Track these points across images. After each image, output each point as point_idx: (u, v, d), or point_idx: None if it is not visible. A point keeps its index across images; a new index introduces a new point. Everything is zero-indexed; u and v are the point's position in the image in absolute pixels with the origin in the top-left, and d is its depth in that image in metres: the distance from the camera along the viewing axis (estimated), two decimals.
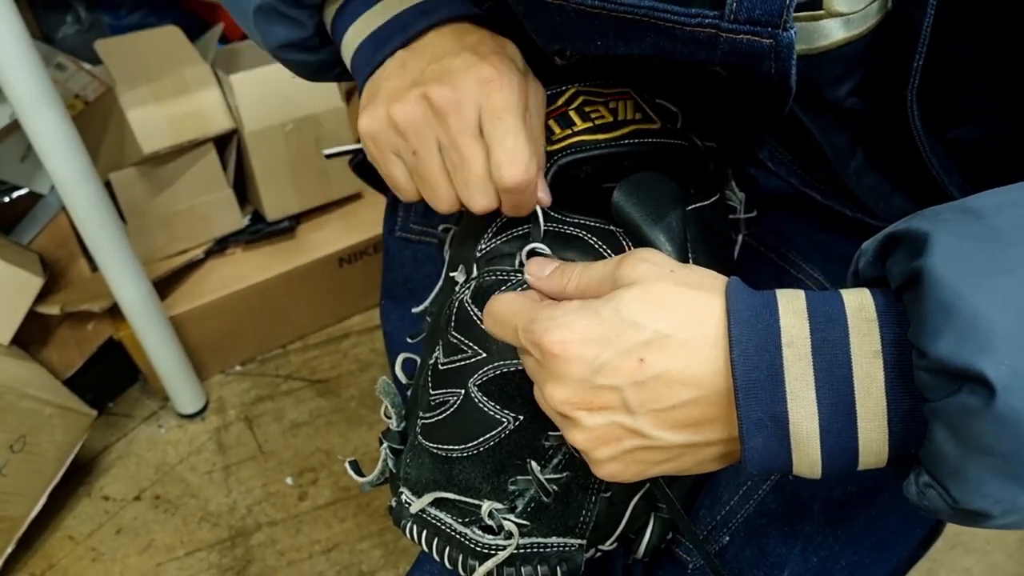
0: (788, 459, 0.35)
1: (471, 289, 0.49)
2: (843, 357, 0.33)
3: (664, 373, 0.35)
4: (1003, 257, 0.30)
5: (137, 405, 1.41)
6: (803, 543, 0.50)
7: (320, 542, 1.18)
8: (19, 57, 0.96)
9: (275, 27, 0.57)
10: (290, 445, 1.33)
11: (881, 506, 0.52)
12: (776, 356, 0.33)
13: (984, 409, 0.28)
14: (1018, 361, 0.28)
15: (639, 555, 0.51)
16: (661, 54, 0.43)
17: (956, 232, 0.31)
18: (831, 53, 0.43)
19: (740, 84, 0.47)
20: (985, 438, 0.29)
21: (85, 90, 1.35)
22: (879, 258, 0.35)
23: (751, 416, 0.34)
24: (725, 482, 0.52)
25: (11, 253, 1.24)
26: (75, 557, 1.18)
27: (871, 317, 0.33)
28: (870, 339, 0.33)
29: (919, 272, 0.31)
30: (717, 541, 0.51)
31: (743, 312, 0.35)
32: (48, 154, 1.04)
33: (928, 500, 0.32)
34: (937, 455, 0.31)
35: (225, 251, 1.45)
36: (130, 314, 1.23)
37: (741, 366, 0.33)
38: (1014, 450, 0.29)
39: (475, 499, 0.47)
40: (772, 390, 0.33)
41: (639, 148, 0.50)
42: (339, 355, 1.50)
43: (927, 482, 0.32)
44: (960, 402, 0.29)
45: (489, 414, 0.46)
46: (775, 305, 0.35)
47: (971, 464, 0.30)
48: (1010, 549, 1.15)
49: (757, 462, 0.35)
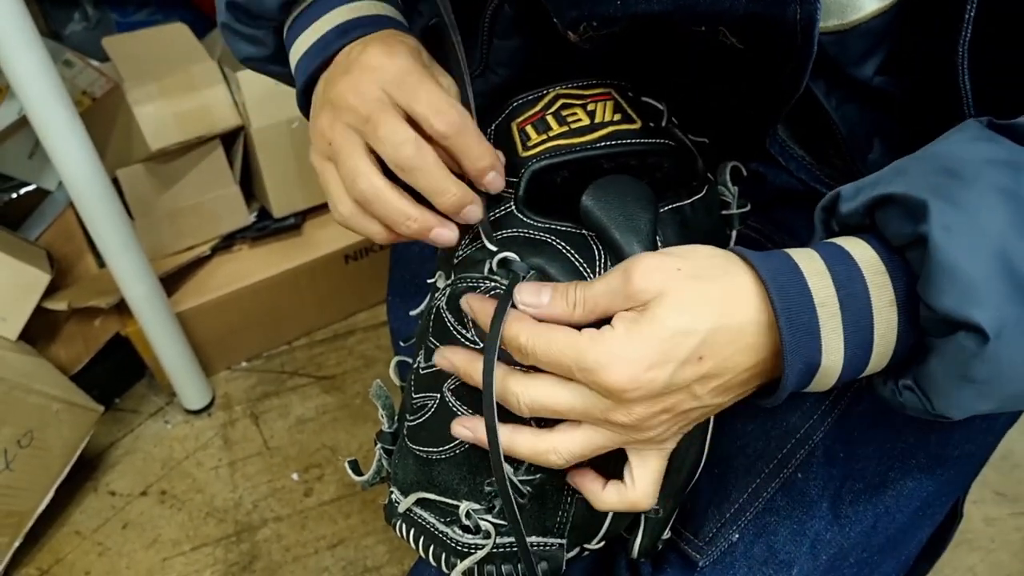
0: (804, 388, 0.41)
1: (446, 296, 0.49)
2: (866, 309, 0.38)
3: (722, 361, 0.39)
4: (991, 220, 0.35)
5: (144, 401, 1.42)
6: (812, 541, 0.50)
7: (325, 538, 1.19)
8: (27, 54, 0.96)
9: (238, 43, 0.59)
10: (296, 441, 1.33)
11: (890, 504, 0.52)
12: (813, 317, 0.38)
13: (977, 351, 0.35)
14: (1006, 315, 0.34)
15: (633, 555, 0.51)
16: (682, 8, 0.43)
17: (948, 199, 0.36)
18: (861, 27, 0.43)
19: (755, 60, 0.46)
20: (972, 372, 0.36)
21: (93, 87, 1.35)
22: (867, 212, 0.39)
23: (794, 368, 0.38)
24: (734, 481, 0.52)
25: (19, 249, 1.25)
26: (82, 552, 1.18)
27: (882, 271, 0.38)
28: (885, 291, 0.38)
29: (923, 237, 0.35)
30: (726, 539, 0.51)
31: (777, 279, 0.38)
32: (56, 150, 1.04)
33: (904, 399, 0.40)
34: (928, 377, 0.38)
35: (232, 248, 1.45)
36: (137, 310, 1.23)
37: (787, 330, 0.37)
38: (992, 380, 0.36)
39: (454, 500, 0.48)
40: (809, 344, 0.38)
41: (615, 150, 0.50)
42: (345, 351, 1.50)
43: (908, 386, 0.39)
44: (958, 343, 0.35)
45: (462, 417, 0.47)
46: (798, 268, 0.38)
47: (955, 388, 0.37)
48: (1015, 547, 1.15)
49: (783, 397, 0.40)
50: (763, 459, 0.52)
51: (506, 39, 0.58)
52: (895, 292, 0.38)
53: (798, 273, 0.38)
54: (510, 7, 0.56)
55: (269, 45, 0.58)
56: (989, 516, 1.19)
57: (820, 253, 0.39)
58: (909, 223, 0.36)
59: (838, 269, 0.38)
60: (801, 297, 0.38)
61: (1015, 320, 0.34)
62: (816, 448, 0.52)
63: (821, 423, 0.52)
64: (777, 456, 0.52)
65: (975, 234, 0.35)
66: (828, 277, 0.38)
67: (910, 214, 0.36)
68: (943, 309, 0.35)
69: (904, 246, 0.37)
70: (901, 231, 0.37)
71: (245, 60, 0.61)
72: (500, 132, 0.53)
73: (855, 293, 0.38)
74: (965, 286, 0.34)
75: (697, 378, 0.39)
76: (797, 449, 0.52)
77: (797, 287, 0.38)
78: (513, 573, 0.47)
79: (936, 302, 0.35)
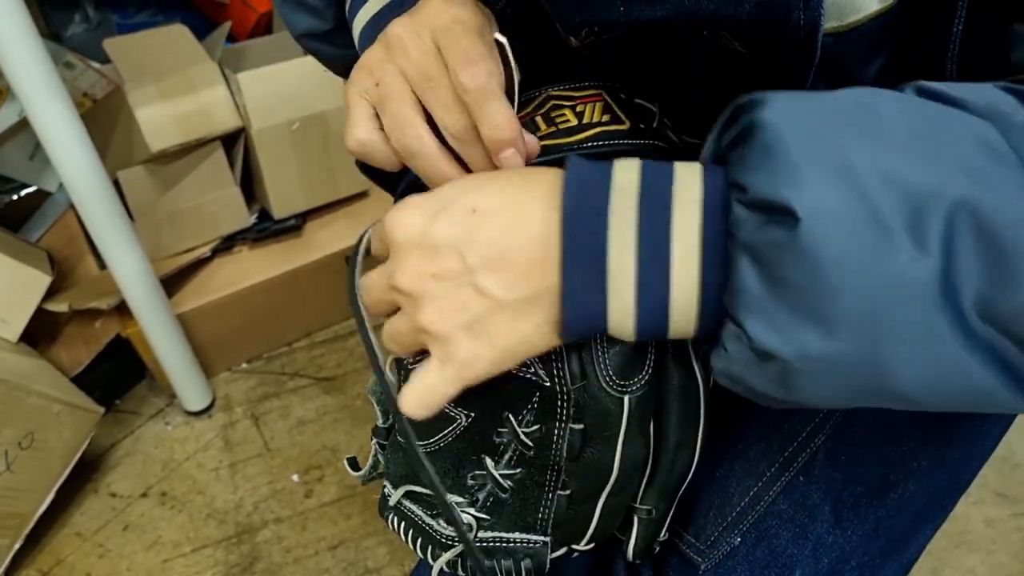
0: (603, 305, 0.36)
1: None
2: (665, 201, 0.35)
3: (497, 218, 0.37)
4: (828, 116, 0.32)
5: (144, 402, 1.42)
6: (814, 544, 0.51)
7: (326, 539, 1.19)
8: (28, 55, 0.96)
9: (297, 15, 0.57)
10: (296, 442, 1.33)
11: (891, 507, 0.52)
12: (604, 198, 0.35)
13: (789, 241, 0.30)
14: (822, 199, 0.30)
15: (628, 557, 0.51)
16: (685, 14, 0.43)
17: (793, 96, 0.33)
18: (861, 28, 0.43)
19: (757, 64, 0.46)
20: (786, 270, 0.31)
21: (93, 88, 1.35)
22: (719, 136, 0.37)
23: (573, 246, 0.35)
24: (735, 484, 0.52)
25: (19, 251, 1.25)
26: (82, 553, 1.18)
27: (696, 172, 0.35)
28: (693, 187, 0.35)
29: (750, 124, 0.33)
30: (728, 542, 0.51)
31: (580, 164, 0.37)
32: (57, 152, 1.04)
33: (730, 353, 0.34)
34: (740, 291, 0.33)
35: (232, 249, 1.45)
36: (137, 312, 1.24)
37: (571, 203, 0.35)
38: (809, 284, 0.31)
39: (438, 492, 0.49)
40: (595, 224, 0.35)
41: (601, 150, 0.50)
42: (345, 353, 1.50)
43: (731, 331, 0.34)
44: (768, 234, 0.31)
45: (445, 411, 0.48)
46: (612, 164, 0.37)
47: (770, 297, 0.32)
48: (1015, 548, 1.15)
49: (574, 305, 0.36)
50: (765, 462, 0.52)
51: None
52: (704, 191, 0.35)
53: (608, 165, 0.37)
54: (511, 10, 0.57)
55: (328, 19, 0.57)
56: (990, 517, 1.19)
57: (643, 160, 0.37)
58: (747, 115, 0.34)
59: (651, 168, 0.36)
60: (599, 180, 0.36)
61: (834, 209, 0.30)
62: (818, 452, 0.52)
63: (823, 427, 0.52)
64: (779, 459, 0.52)
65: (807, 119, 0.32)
66: (637, 171, 0.36)
67: (747, 112, 0.34)
68: (754, 185, 0.32)
69: (731, 144, 0.35)
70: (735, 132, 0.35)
71: (302, 36, 0.58)
72: None
73: (658, 186, 0.35)
74: (781, 163, 0.31)
75: (463, 234, 0.37)
76: (799, 453, 0.52)
77: (598, 172, 0.36)
78: (495, 568, 0.48)
79: (747, 178, 0.32)
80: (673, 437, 0.48)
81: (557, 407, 0.45)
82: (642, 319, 0.36)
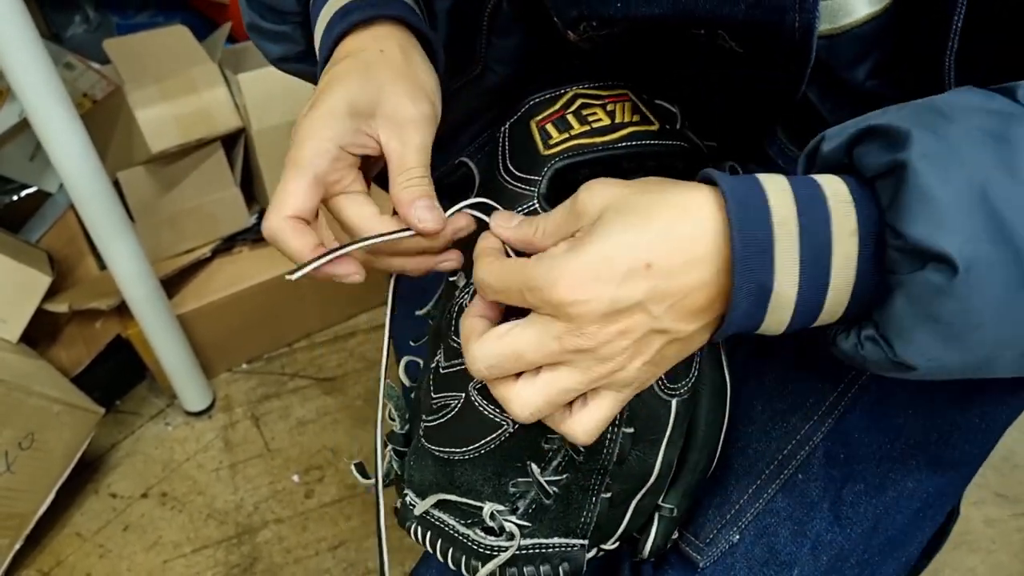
0: (760, 321, 0.39)
1: (470, 293, 0.49)
2: (825, 236, 0.36)
3: (672, 272, 0.37)
4: (971, 155, 0.34)
5: (144, 403, 1.42)
6: (812, 542, 0.50)
7: (326, 539, 1.19)
8: (28, 56, 0.96)
9: (267, 44, 0.57)
10: (296, 443, 1.33)
11: (890, 504, 0.52)
12: (768, 233, 0.36)
13: (945, 285, 0.33)
14: (977, 249, 0.33)
15: (644, 555, 0.51)
16: (681, 12, 0.43)
17: (932, 130, 0.35)
18: (852, 32, 0.43)
19: (754, 64, 0.46)
20: (938, 309, 0.34)
21: (94, 89, 1.35)
22: (847, 147, 0.38)
23: (743, 286, 0.37)
24: (734, 482, 0.52)
25: (19, 251, 1.25)
26: (83, 554, 1.19)
27: (848, 200, 0.37)
28: (848, 220, 0.36)
29: (902, 164, 0.34)
30: (727, 540, 0.51)
31: (737, 191, 0.37)
32: (57, 153, 1.04)
33: (865, 351, 0.38)
34: (892, 318, 0.36)
35: (232, 250, 1.45)
36: (138, 312, 1.24)
37: (739, 241, 0.36)
38: (958, 321, 0.34)
39: (477, 501, 0.47)
40: (761, 261, 0.36)
41: (636, 150, 0.50)
42: (345, 353, 1.50)
43: (870, 336, 0.37)
44: (925, 277, 0.34)
45: (489, 417, 0.47)
46: (761, 185, 0.37)
47: (920, 329, 0.35)
48: (1015, 548, 1.15)
49: (735, 324, 0.38)
50: (764, 460, 0.52)
51: (505, 37, 0.58)
52: (858, 223, 0.36)
53: (759, 189, 0.37)
54: (509, 5, 0.57)
55: (299, 41, 0.56)
56: (990, 517, 1.19)
57: (787, 178, 0.38)
58: (887, 152, 0.35)
59: (802, 192, 0.37)
60: (758, 212, 0.36)
61: (987, 257, 0.33)
62: (817, 449, 0.52)
63: (821, 424, 0.52)
64: (778, 457, 0.52)
65: (955, 165, 0.34)
66: (790, 197, 0.37)
67: (890, 144, 0.35)
68: (913, 236, 0.33)
69: (877, 176, 0.36)
70: (878, 161, 0.36)
71: (277, 61, 0.58)
72: (517, 130, 0.54)
73: (816, 218, 0.36)
74: (938, 214, 0.33)
75: (648, 291, 0.37)
76: (798, 450, 0.52)
77: (756, 201, 0.37)
78: (535, 574, 0.47)
79: (906, 228, 0.34)
80: (701, 437, 0.49)
81: None
82: (787, 329, 0.39)
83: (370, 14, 0.50)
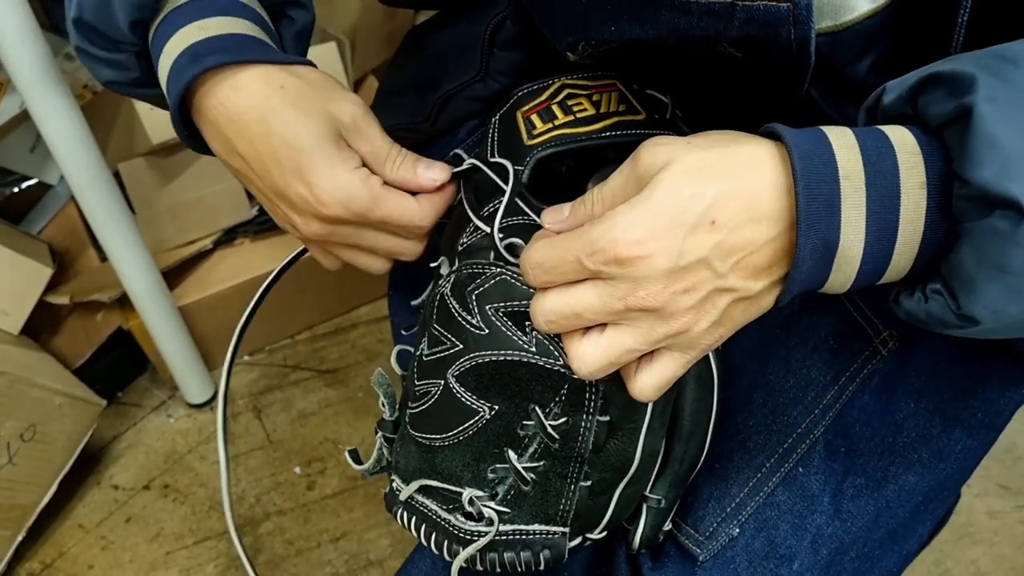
0: (824, 279, 0.38)
1: (451, 282, 0.49)
2: (893, 188, 0.36)
3: (737, 229, 0.36)
4: None
5: (146, 395, 1.42)
6: (813, 535, 0.50)
7: (328, 531, 1.19)
8: (28, 47, 0.96)
9: (98, 67, 0.53)
10: (298, 435, 1.33)
11: (891, 498, 0.52)
12: (835, 188, 0.36)
13: (1012, 231, 0.33)
14: None
15: (634, 547, 0.51)
16: (676, 32, 0.43)
17: (998, 75, 0.34)
18: (854, 28, 0.43)
19: (755, 66, 0.46)
20: (1004, 257, 0.33)
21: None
22: (910, 96, 0.37)
23: (808, 242, 0.36)
24: (734, 475, 0.52)
25: (20, 243, 1.25)
26: (85, 545, 1.19)
27: (916, 151, 0.36)
28: (917, 171, 0.36)
29: (968, 109, 0.33)
30: (727, 533, 0.51)
31: (802, 146, 0.36)
32: (57, 144, 1.04)
33: (930, 306, 0.37)
34: (958, 268, 0.35)
35: (234, 241, 1.45)
36: (139, 304, 1.24)
37: (804, 197, 0.35)
38: None
39: (457, 487, 0.48)
40: (828, 217, 0.36)
41: (620, 140, 0.50)
42: (347, 345, 1.50)
43: (936, 289, 0.37)
44: (991, 224, 0.33)
45: (467, 404, 0.47)
46: (827, 139, 0.37)
47: (985, 279, 0.34)
48: (1018, 540, 1.15)
49: (799, 282, 0.38)
50: (764, 453, 0.52)
51: (507, 51, 0.58)
52: (927, 174, 0.36)
53: (825, 143, 0.36)
54: (513, 24, 0.56)
55: (135, 69, 0.52)
56: (992, 509, 1.19)
57: (853, 130, 0.37)
58: (953, 98, 0.35)
59: (869, 144, 0.36)
60: (825, 167, 0.36)
61: None
62: (817, 442, 0.52)
63: (822, 417, 0.52)
64: (778, 450, 0.52)
65: (1022, 109, 0.33)
66: (857, 150, 0.36)
67: (955, 90, 0.35)
68: (980, 182, 0.33)
69: (944, 124, 0.35)
70: (943, 109, 0.35)
71: (109, 84, 0.54)
72: (505, 121, 0.54)
73: (884, 170, 0.36)
74: (1006, 158, 0.32)
75: (712, 248, 0.36)
76: (798, 443, 0.52)
77: (822, 156, 0.36)
78: (515, 560, 0.47)
79: (974, 175, 0.33)
80: (687, 427, 0.49)
81: (585, 399, 0.45)
82: (853, 287, 0.39)
83: (224, 60, 0.47)
